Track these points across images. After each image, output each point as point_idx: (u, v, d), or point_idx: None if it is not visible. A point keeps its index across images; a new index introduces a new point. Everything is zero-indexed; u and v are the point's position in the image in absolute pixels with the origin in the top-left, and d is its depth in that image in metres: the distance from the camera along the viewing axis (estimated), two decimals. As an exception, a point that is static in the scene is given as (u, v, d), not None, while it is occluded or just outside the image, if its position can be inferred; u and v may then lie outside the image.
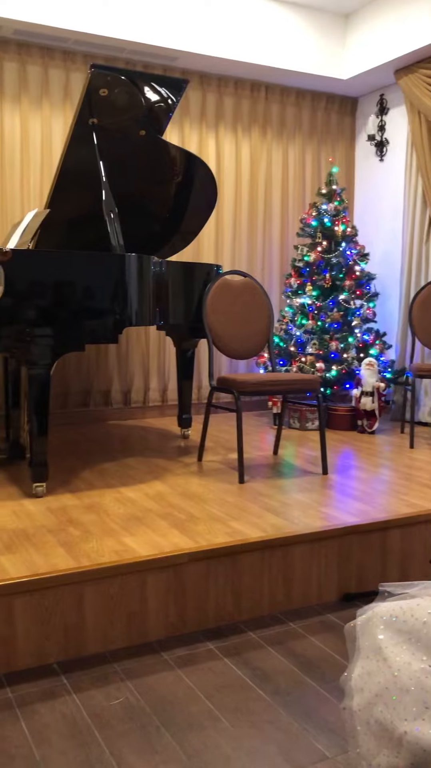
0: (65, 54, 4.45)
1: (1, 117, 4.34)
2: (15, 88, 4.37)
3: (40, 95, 4.44)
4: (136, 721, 1.81)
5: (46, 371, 2.89)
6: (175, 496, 2.99)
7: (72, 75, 4.50)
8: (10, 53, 4.32)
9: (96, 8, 4.14)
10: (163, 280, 3.44)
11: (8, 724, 1.80)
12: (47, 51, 4.40)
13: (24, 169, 4.43)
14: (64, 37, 4.22)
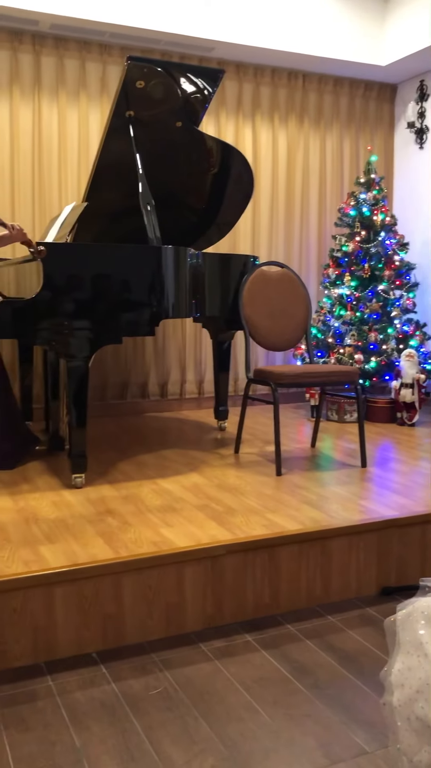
0: (102, 47, 4.47)
1: (40, 111, 4.37)
2: (53, 83, 4.40)
3: (77, 89, 4.46)
4: (174, 711, 1.82)
5: (85, 364, 2.91)
6: (211, 487, 3.00)
7: (108, 68, 4.51)
8: (47, 47, 4.35)
9: (132, 0, 4.13)
10: (200, 272, 3.43)
11: (49, 711, 1.83)
12: (84, 45, 4.42)
13: (62, 162, 4.47)
14: (101, 30, 4.23)
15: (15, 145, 4.34)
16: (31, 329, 2.86)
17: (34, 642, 2.07)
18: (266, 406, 4.91)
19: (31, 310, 2.83)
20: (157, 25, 4.22)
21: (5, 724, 1.77)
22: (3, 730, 1.75)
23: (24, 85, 4.34)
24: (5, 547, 2.29)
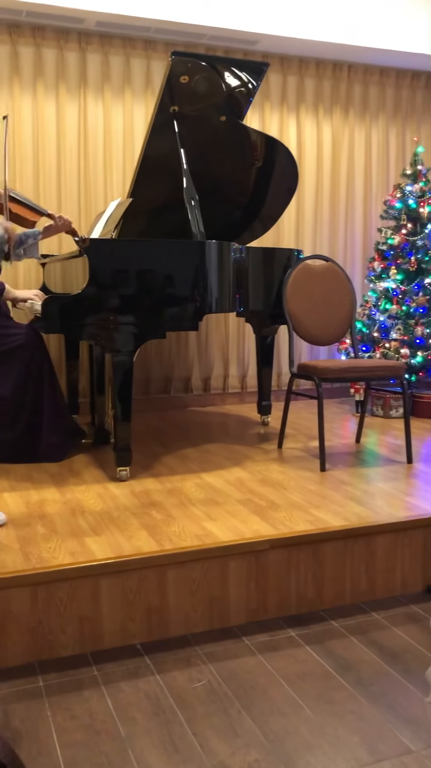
0: (146, 43, 4.49)
1: (85, 108, 4.42)
2: (98, 80, 4.44)
3: (122, 85, 4.50)
4: (218, 704, 1.84)
5: (129, 358, 2.94)
6: (255, 482, 3.00)
7: (153, 63, 4.53)
8: (93, 45, 4.39)
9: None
10: (243, 266, 3.42)
11: (95, 700, 1.86)
12: (129, 41, 4.45)
13: (107, 159, 4.51)
14: (146, 26, 4.25)
15: (61, 142, 4.39)
16: (78, 324, 2.90)
17: (80, 632, 2.11)
18: (310, 401, 4.89)
19: (78, 305, 2.87)
20: (201, 20, 4.21)
21: (52, 711, 1.81)
22: (50, 718, 1.78)
23: (70, 83, 4.39)
24: (52, 538, 2.33)
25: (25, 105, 4.31)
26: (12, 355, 3.27)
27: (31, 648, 2.06)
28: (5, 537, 2.34)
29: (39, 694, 1.89)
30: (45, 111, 4.34)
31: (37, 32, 4.25)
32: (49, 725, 1.75)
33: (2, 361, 3.23)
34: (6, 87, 4.25)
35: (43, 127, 4.35)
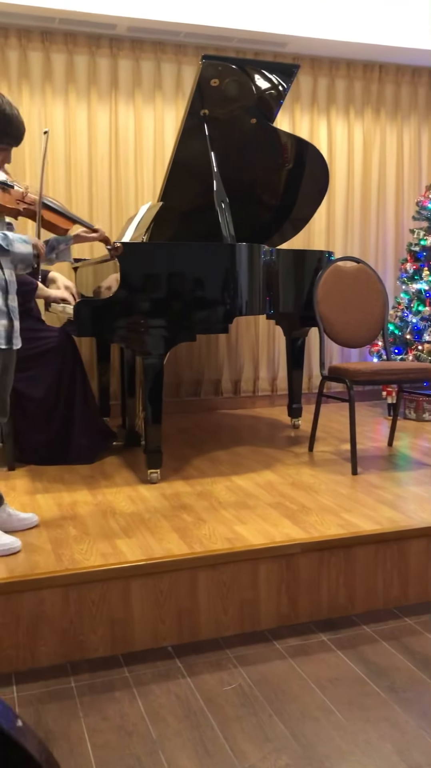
0: (177, 47, 4.51)
1: (116, 113, 4.46)
2: (129, 85, 4.47)
3: (153, 90, 4.52)
4: (248, 708, 1.83)
5: (160, 361, 2.96)
6: (285, 486, 2.98)
7: (183, 68, 4.55)
8: (124, 50, 4.42)
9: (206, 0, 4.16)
10: (274, 268, 3.42)
11: (126, 702, 1.87)
12: (159, 46, 4.47)
13: (138, 163, 4.54)
14: (176, 30, 4.27)
15: (93, 147, 4.44)
16: (109, 328, 2.92)
17: (111, 633, 2.12)
18: (341, 404, 4.85)
19: (109, 309, 2.89)
20: (230, 23, 4.22)
21: (84, 712, 1.82)
22: (82, 718, 1.79)
23: (101, 88, 4.43)
24: (84, 539, 2.35)
25: (57, 111, 4.36)
26: (44, 357, 3.30)
27: (63, 649, 2.08)
28: (37, 538, 2.37)
29: (71, 695, 1.91)
30: (77, 116, 4.39)
31: (70, 39, 4.30)
32: (80, 726, 1.77)
33: (35, 363, 3.27)
34: (39, 93, 4.30)
35: (75, 132, 4.39)
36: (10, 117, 2.15)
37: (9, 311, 2.26)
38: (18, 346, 2.33)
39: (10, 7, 3.89)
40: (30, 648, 2.06)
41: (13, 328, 2.28)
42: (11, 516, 2.44)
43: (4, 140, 2.16)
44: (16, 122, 2.17)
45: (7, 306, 2.25)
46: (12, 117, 2.16)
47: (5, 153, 2.21)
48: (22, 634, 2.05)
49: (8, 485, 2.97)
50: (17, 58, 4.23)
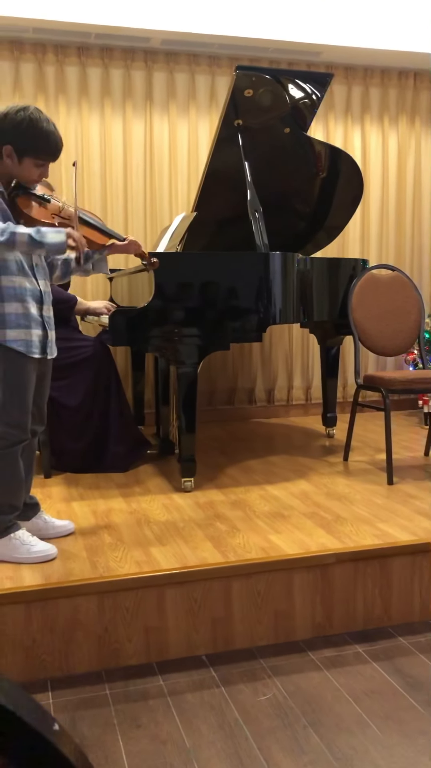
0: (211, 59, 4.54)
1: (151, 125, 4.51)
2: (163, 97, 4.52)
3: (187, 101, 4.56)
4: (283, 719, 1.81)
5: (194, 370, 2.97)
6: (320, 495, 2.96)
7: (217, 79, 4.58)
8: (159, 63, 4.47)
9: (239, 11, 4.18)
10: (308, 276, 3.41)
11: (160, 711, 1.87)
12: (193, 57, 4.51)
13: (172, 174, 4.58)
14: (210, 42, 4.30)
15: (128, 159, 4.49)
16: (143, 337, 2.95)
17: (145, 641, 2.13)
18: (376, 413, 4.80)
19: (143, 318, 2.92)
20: (264, 34, 4.24)
21: (119, 720, 1.83)
22: (116, 726, 1.80)
23: (136, 101, 4.48)
24: (119, 547, 2.37)
25: (93, 124, 4.42)
26: (80, 366, 3.34)
27: (98, 656, 2.09)
28: (73, 545, 2.39)
29: (106, 703, 1.91)
30: (112, 129, 4.45)
31: (105, 53, 4.36)
32: (115, 733, 1.77)
33: (71, 372, 3.31)
34: (75, 107, 4.38)
35: (110, 144, 4.45)
36: (47, 133, 2.19)
37: (44, 321, 2.29)
38: (53, 355, 2.36)
39: (48, 24, 3.97)
40: (65, 654, 2.07)
41: (48, 338, 2.31)
42: (47, 523, 2.47)
43: (40, 155, 2.20)
44: (53, 138, 2.20)
45: (41, 316, 2.28)
46: (49, 133, 2.19)
47: (43, 168, 2.25)
48: (58, 641, 2.07)
49: (44, 492, 3.01)
50: (54, 73, 4.31)
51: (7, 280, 2.19)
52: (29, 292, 2.24)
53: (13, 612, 2.03)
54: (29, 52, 4.24)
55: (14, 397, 2.24)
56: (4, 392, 2.24)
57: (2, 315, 2.19)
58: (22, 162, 2.19)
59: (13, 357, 2.22)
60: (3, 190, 2.23)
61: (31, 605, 2.05)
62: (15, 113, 2.17)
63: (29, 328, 2.23)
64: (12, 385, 2.23)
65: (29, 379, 2.27)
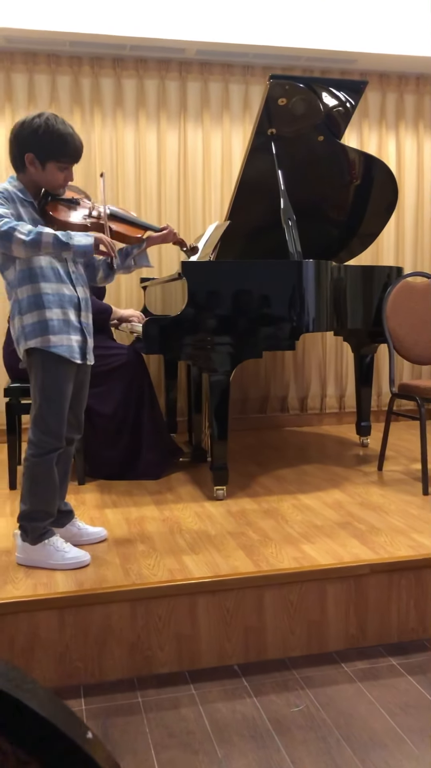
0: (245, 68, 4.56)
1: (185, 135, 4.54)
2: (197, 106, 4.55)
3: (221, 111, 4.59)
4: (316, 732, 1.79)
5: (226, 378, 2.97)
6: (354, 505, 2.93)
7: (251, 88, 4.60)
8: (193, 73, 4.51)
9: (273, 20, 4.19)
10: (341, 284, 3.39)
11: (192, 719, 1.86)
12: (227, 67, 4.54)
13: (206, 183, 4.60)
14: (244, 51, 4.32)
15: (162, 168, 4.53)
16: (176, 345, 2.96)
17: (177, 650, 2.13)
18: (411, 422, 4.74)
19: (176, 326, 2.93)
20: (298, 42, 4.25)
21: (150, 727, 1.83)
22: (148, 734, 1.80)
23: (171, 111, 4.52)
24: (151, 555, 2.37)
25: (128, 135, 4.47)
26: (114, 374, 3.37)
27: (130, 663, 2.10)
28: (106, 552, 2.40)
29: (137, 710, 1.92)
30: (146, 139, 4.49)
31: (140, 64, 4.41)
32: (147, 741, 1.77)
33: (104, 380, 3.34)
34: (110, 118, 4.43)
35: (145, 155, 4.49)
36: (65, 135, 2.21)
37: (83, 328, 2.32)
38: (91, 362, 2.39)
39: (84, 37, 4.03)
40: (98, 661, 2.08)
41: (87, 344, 2.34)
42: (81, 530, 2.49)
43: (61, 159, 2.23)
44: (72, 139, 2.22)
45: (80, 323, 2.31)
46: (66, 135, 2.21)
47: (67, 171, 2.27)
48: (90, 647, 2.08)
49: (78, 499, 3.04)
50: (90, 85, 4.37)
51: (47, 287, 2.22)
52: (68, 299, 2.27)
53: (47, 618, 2.05)
54: (65, 65, 4.31)
55: (51, 405, 2.26)
56: (42, 400, 2.26)
57: (44, 321, 2.21)
58: (45, 168, 2.22)
59: (53, 363, 2.24)
60: (33, 200, 2.26)
61: (64, 611, 2.06)
62: (31, 120, 2.20)
63: (69, 334, 2.26)
64: (50, 394, 2.26)
65: (67, 387, 2.29)
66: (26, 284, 2.21)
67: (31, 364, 2.28)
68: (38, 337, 2.22)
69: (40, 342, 2.22)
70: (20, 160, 2.22)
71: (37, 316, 2.21)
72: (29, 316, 2.22)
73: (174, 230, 2.45)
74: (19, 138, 2.21)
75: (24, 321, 2.23)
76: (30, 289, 2.21)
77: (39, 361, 2.25)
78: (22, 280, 2.21)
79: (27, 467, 2.30)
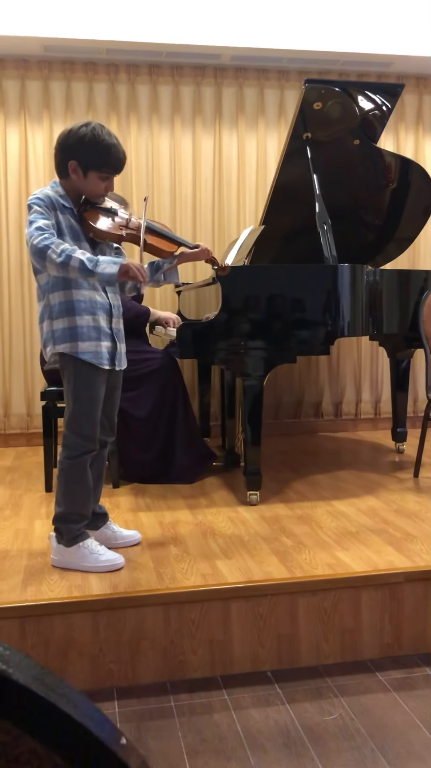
0: (280, 73, 4.56)
1: (220, 140, 4.55)
2: (232, 112, 4.57)
3: (256, 116, 4.59)
4: (350, 741, 1.77)
5: (260, 382, 2.96)
6: (389, 512, 2.90)
7: (286, 93, 4.59)
8: (228, 79, 4.52)
9: (308, 24, 4.19)
10: (377, 289, 3.36)
11: (225, 725, 1.86)
12: (262, 72, 4.54)
13: (240, 188, 4.61)
14: (279, 56, 4.32)
15: (197, 173, 4.55)
16: (210, 350, 2.97)
17: (210, 655, 2.12)
18: (447, 428, 4.67)
19: (210, 331, 2.94)
20: (333, 46, 4.23)
21: (183, 732, 1.83)
22: (181, 738, 1.80)
23: (206, 117, 4.54)
24: (184, 559, 2.38)
25: (164, 140, 4.50)
26: (148, 378, 3.39)
27: (163, 667, 2.10)
28: (140, 556, 2.41)
29: (170, 714, 1.92)
30: (182, 145, 4.52)
31: (176, 71, 4.44)
32: (179, 746, 1.77)
33: (139, 384, 3.36)
34: (146, 124, 4.47)
35: (180, 160, 4.52)
36: (110, 146, 2.24)
37: (113, 334, 2.33)
38: (122, 367, 2.40)
39: (121, 45, 4.07)
40: (131, 664, 2.09)
41: (117, 350, 2.35)
42: (115, 533, 2.51)
43: (103, 169, 2.26)
44: (116, 150, 2.25)
45: (111, 329, 2.33)
46: (111, 146, 2.24)
47: (108, 181, 2.30)
48: (124, 650, 2.09)
49: (112, 502, 3.06)
50: (126, 92, 4.41)
51: (79, 294, 2.25)
52: (99, 306, 2.29)
53: (81, 620, 2.07)
54: (102, 72, 4.36)
55: (84, 408, 2.29)
56: (75, 404, 2.29)
57: (75, 328, 2.24)
58: (87, 176, 2.25)
59: (84, 369, 2.27)
60: (72, 207, 2.29)
61: (98, 614, 2.08)
62: (78, 129, 2.23)
63: (99, 341, 2.28)
64: (82, 397, 2.28)
65: (99, 391, 2.31)
66: (59, 290, 2.24)
67: (63, 368, 2.31)
68: (67, 343, 2.24)
69: (69, 347, 2.24)
70: (64, 166, 2.26)
71: (68, 322, 2.24)
72: (60, 321, 2.24)
73: (208, 248, 2.46)
74: (65, 145, 2.25)
75: (54, 326, 2.25)
76: (63, 295, 2.24)
77: (71, 365, 2.27)
78: (56, 285, 2.24)
79: (61, 469, 2.33)
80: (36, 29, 3.91)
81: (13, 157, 4.32)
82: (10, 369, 4.40)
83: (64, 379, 2.33)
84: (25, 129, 4.31)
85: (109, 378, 2.37)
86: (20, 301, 4.38)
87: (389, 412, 4.68)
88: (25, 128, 4.31)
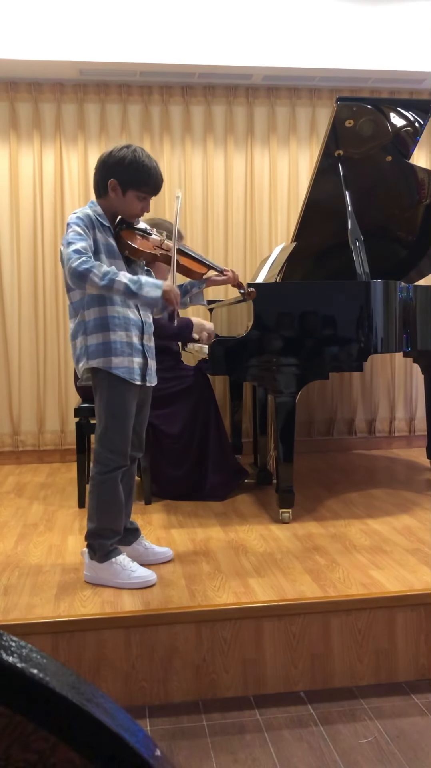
0: (311, 91, 4.59)
1: (252, 159, 4.59)
2: (264, 131, 4.60)
3: (288, 134, 4.62)
4: (386, 765, 1.74)
5: (292, 399, 2.95)
6: (424, 531, 2.85)
7: (318, 111, 4.61)
8: (260, 98, 4.56)
9: (340, 42, 4.21)
10: (411, 305, 3.33)
11: (257, 746, 1.83)
12: (294, 91, 4.57)
13: (272, 206, 4.62)
14: (311, 75, 4.35)
15: (229, 192, 4.58)
16: (242, 366, 2.97)
17: (243, 674, 2.10)
18: None
19: (242, 347, 2.94)
20: (365, 64, 4.24)
21: (215, 752, 1.81)
22: (213, 758, 1.78)
23: (238, 136, 4.58)
24: (217, 576, 2.36)
25: (196, 160, 4.55)
26: (181, 395, 3.40)
27: (195, 686, 2.09)
28: (172, 573, 2.41)
29: (202, 734, 1.90)
30: (214, 164, 4.56)
31: (208, 91, 4.50)
32: (212, 766, 1.75)
33: (171, 401, 3.37)
34: (179, 144, 4.52)
35: (212, 179, 4.56)
36: (149, 168, 2.30)
37: (144, 350, 2.35)
38: (152, 383, 2.42)
39: (154, 67, 4.14)
40: (163, 682, 2.08)
41: (147, 366, 2.37)
42: (147, 549, 2.51)
43: (142, 188, 2.31)
44: (154, 173, 2.32)
45: (142, 345, 2.35)
46: (150, 168, 2.30)
47: (145, 202, 2.35)
48: (156, 668, 2.08)
49: (145, 519, 3.06)
50: (159, 113, 4.48)
51: (113, 310, 2.28)
52: (133, 323, 2.32)
53: (113, 637, 2.07)
54: (136, 94, 4.44)
55: (115, 423, 2.30)
56: (107, 419, 2.31)
57: (109, 343, 2.27)
58: (125, 195, 2.31)
59: (117, 384, 2.29)
60: (110, 225, 2.34)
61: (130, 631, 2.07)
62: (119, 150, 2.32)
63: (131, 356, 2.30)
64: (114, 413, 2.30)
65: (130, 406, 2.33)
66: (94, 306, 2.27)
67: (96, 384, 2.33)
68: (101, 358, 2.27)
69: (102, 362, 2.27)
70: (104, 185, 2.32)
71: (102, 338, 2.27)
72: (94, 336, 2.27)
73: (236, 274, 2.49)
74: (106, 165, 2.32)
75: (88, 341, 2.29)
76: (97, 312, 2.27)
77: (104, 380, 2.30)
78: (90, 302, 2.28)
79: (93, 485, 2.35)
80: (72, 54, 4.00)
81: (49, 179, 4.41)
82: (44, 386, 4.45)
83: (96, 394, 2.35)
84: (60, 151, 4.39)
85: (139, 394, 2.38)
86: (55, 320, 4.44)
87: (424, 430, 4.61)
88: (61, 150, 4.39)
